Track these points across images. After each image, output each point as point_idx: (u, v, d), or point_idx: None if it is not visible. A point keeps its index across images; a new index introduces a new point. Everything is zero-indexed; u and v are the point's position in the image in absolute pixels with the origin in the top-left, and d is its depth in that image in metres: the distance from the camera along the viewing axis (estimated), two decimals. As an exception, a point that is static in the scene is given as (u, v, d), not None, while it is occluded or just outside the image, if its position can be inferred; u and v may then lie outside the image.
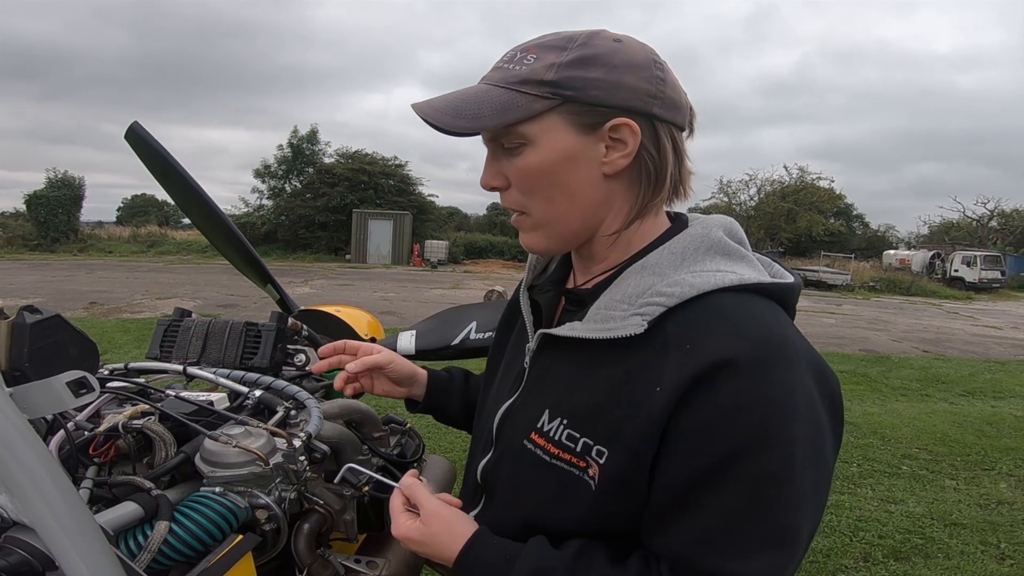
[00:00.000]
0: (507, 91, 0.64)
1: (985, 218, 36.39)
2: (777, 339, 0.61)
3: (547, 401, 0.71)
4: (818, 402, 0.62)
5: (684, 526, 0.61)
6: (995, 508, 3.38)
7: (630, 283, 0.67)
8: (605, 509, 0.65)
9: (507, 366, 0.86)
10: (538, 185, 0.67)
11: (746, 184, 32.78)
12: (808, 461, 0.60)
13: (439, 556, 0.70)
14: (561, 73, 0.64)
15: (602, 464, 0.64)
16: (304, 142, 27.14)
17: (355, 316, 1.56)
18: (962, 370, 7.50)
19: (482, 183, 0.71)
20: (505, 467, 0.77)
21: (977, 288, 24.89)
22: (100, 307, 9.67)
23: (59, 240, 23.54)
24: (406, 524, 0.71)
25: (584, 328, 0.67)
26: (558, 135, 0.65)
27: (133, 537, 0.67)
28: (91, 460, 0.76)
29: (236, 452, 0.74)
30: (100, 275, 15.10)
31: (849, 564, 2.72)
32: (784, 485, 0.59)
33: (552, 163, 0.66)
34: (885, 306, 17.15)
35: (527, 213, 0.70)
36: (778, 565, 0.60)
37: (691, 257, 0.67)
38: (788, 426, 0.59)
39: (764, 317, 0.63)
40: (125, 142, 1.19)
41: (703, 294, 0.63)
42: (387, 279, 17.45)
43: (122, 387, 0.91)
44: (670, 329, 0.63)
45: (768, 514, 0.59)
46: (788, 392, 0.59)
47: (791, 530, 0.60)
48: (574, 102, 0.64)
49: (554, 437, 0.68)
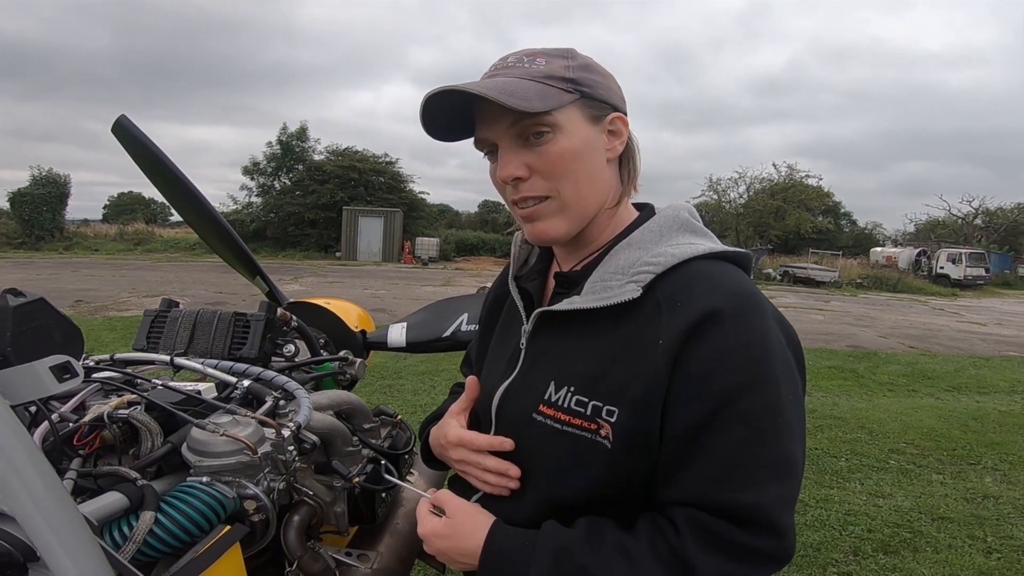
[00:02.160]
0: (537, 83, 0.72)
1: (970, 216, 36.88)
2: (748, 292, 0.71)
3: (551, 374, 0.76)
4: (786, 346, 0.71)
5: (696, 469, 0.67)
6: (981, 502, 3.42)
7: (620, 257, 0.76)
8: (621, 468, 0.71)
9: (496, 352, 0.91)
10: (568, 168, 0.74)
11: (735, 182, 32.98)
12: (791, 395, 0.69)
13: (462, 550, 0.74)
14: (576, 73, 0.74)
15: (614, 422, 0.70)
16: (294, 139, 26.98)
17: (345, 309, 1.55)
18: (947, 366, 7.59)
19: (504, 175, 0.75)
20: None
21: (962, 285, 25.20)
22: (86, 305, 9.56)
23: (44, 238, 23.27)
24: (431, 522, 0.77)
25: (583, 300, 0.74)
26: (578, 124, 0.74)
27: (118, 528, 0.65)
28: (76, 451, 0.75)
29: (223, 441, 0.73)
30: (86, 273, 14.92)
31: (839, 558, 2.74)
32: (777, 417, 0.67)
33: (577, 147, 0.74)
34: (872, 303, 17.33)
35: (552, 197, 0.76)
36: (787, 492, 0.67)
37: (667, 234, 0.77)
38: (770, 364, 0.67)
39: (734, 276, 0.73)
40: (110, 140, 1.17)
41: (682, 262, 0.72)
42: (378, 276, 17.38)
43: (108, 377, 0.89)
44: (660, 293, 0.71)
45: (770, 445, 0.66)
46: (765, 335, 0.68)
47: (791, 459, 0.68)
48: (588, 98, 0.74)
49: (563, 405, 0.74)
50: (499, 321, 0.94)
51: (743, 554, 0.65)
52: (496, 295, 0.97)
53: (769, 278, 24.03)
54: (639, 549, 0.67)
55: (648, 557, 0.66)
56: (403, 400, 4.76)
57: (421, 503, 0.80)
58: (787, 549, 0.67)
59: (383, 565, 1.04)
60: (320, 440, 0.89)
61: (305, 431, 0.85)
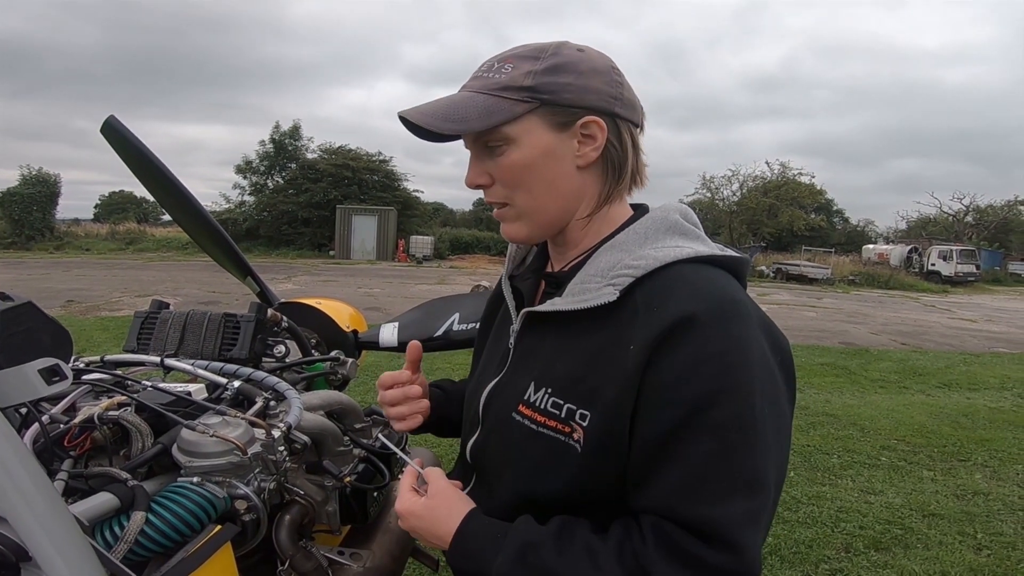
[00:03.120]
0: (490, 96, 0.71)
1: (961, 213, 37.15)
2: (730, 299, 0.68)
3: (532, 374, 0.77)
4: (770, 357, 0.68)
5: (662, 478, 0.66)
6: (971, 499, 3.44)
7: (602, 260, 0.74)
8: (592, 471, 0.70)
9: (491, 350, 0.91)
10: (521, 179, 0.74)
11: (729, 180, 33.06)
12: (767, 408, 0.65)
13: (435, 532, 0.74)
14: (537, 79, 0.71)
15: (585, 426, 0.69)
16: (286, 137, 26.87)
17: (337, 309, 1.55)
18: (938, 362, 7.64)
19: (467, 182, 0.78)
20: (494, 442, 0.81)
21: (953, 282, 25.37)
22: (78, 305, 9.50)
23: (34, 238, 23.11)
24: (411, 499, 0.76)
25: (563, 302, 0.74)
26: (537, 134, 0.72)
27: (109, 528, 0.66)
28: (66, 452, 0.75)
29: (214, 441, 0.73)
30: (77, 273, 14.82)
31: (831, 555, 2.76)
32: (747, 431, 0.64)
33: (533, 159, 0.73)
34: (864, 299, 17.43)
35: (510, 205, 0.77)
36: (754, 509, 0.65)
37: (652, 236, 0.75)
38: (746, 375, 0.64)
39: (718, 282, 0.70)
40: (100, 139, 1.17)
41: (665, 265, 0.70)
42: (372, 275, 17.34)
43: (98, 379, 0.89)
44: (639, 296, 0.70)
45: (739, 459, 0.64)
46: (742, 344, 0.65)
47: (760, 474, 0.65)
48: (550, 104, 0.72)
49: (540, 406, 0.74)
50: (496, 320, 0.95)
51: (702, 568, 0.64)
52: (496, 294, 0.98)
53: (762, 275, 24.12)
54: (606, 552, 0.67)
55: (613, 562, 0.66)
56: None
57: (406, 474, 0.80)
58: (748, 566, 0.64)
59: (376, 564, 1.04)
60: (311, 440, 0.90)
61: (296, 431, 0.85)
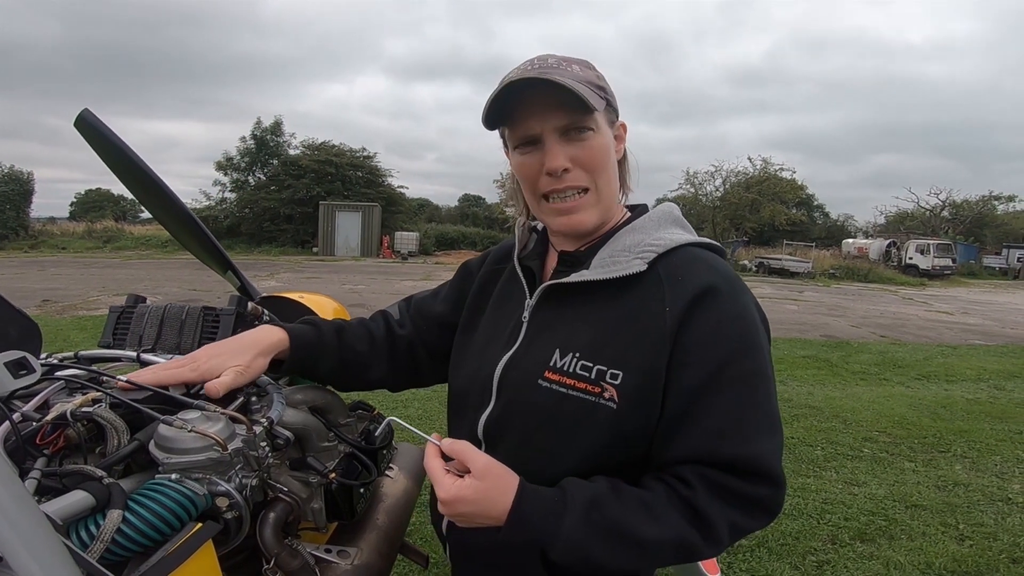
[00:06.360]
0: (584, 86, 0.79)
1: (938, 208, 37.79)
2: (734, 275, 0.82)
3: (555, 343, 0.83)
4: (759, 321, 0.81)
5: (700, 426, 0.75)
6: (952, 489, 3.49)
7: (626, 239, 0.85)
8: (625, 427, 0.77)
9: (493, 327, 0.95)
10: (603, 164, 0.84)
11: (712, 175, 33.42)
12: (768, 359, 0.79)
13: (488, 513, 0.72)
14: (603, 83, 0.85)
15: (618, 384, 0.77)
16: (268, 133, 26.58)
17: (319, 303, 1.52)
18: (917, 354, 7.77)
19: (555, 165, 0.82)
20: (516, 412, 0.85)
21: (930, 275, 25.85)
22: (54, 305, 9.30)
23: (8, 237, 22.65)
24: (456, 484, 0.72)
25: (593, 273, 0.83)
26: (604, 127, 0.84)
27: (85, 528, 0.63)
28: (39, 451, 0.72)
29: (192, 437, 0.71)
30: (53, 272, 14.53)
31: (817, 546, 2.78)
32: (766, 379, 0.77)
33: (608, 147, 0.85)
34: (844, 292, 17.68)
35: (591, 189, 0.84)
36: (778, 446, 0.77)
37: (663, 224, 0.88)
38: (757, 334, 0.78)
39: (721, 262, 0.84)
40: (73, 136, 1.13)
41: (678, 246, 0.83)
42: (356, 271, 17.22)
43: (72, 375, 0.86)
44: (660, 269, 0.81)
45: (762, 403, 0.76)
46: (750, 310, 0.79)
47: (777, 415, 0.78)
48: (610, 106, 0.85)
49: (568, 370, 0.80)
50: (491, 299, 0.99)
51: (746, 503, 0.74)
52: (487, 273, 1.03)
53: (745, 269, 24.37)
54: (658, 502, 0.73)
55: (669, 509, 0.73)
56: (381, 394, 4.72)
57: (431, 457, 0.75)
58: (781, 499, 0.77)
59: (364, 561, 1.02)
60: (294, 436, 0.87)
61: (278, 427, 0.83)
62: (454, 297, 1.07)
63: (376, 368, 1.04)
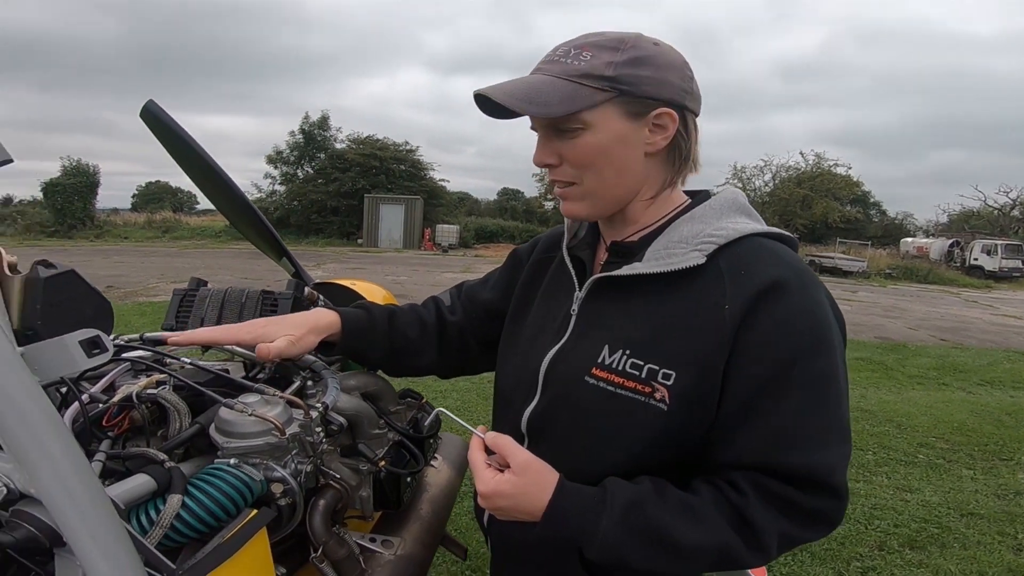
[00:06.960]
0: (570, 83, 0.73)
1: (1007, 207, 35.66)
2: (805, 268, 0.76)
3: (604, 338, 0.79)
4: (833, 318, 0.75)
5: (757, 431, 0.71)
6: (1013, 498, 3.33)
7: (683, 229, 0.79)
8: (677, 429, 0.74)
9: (542, 319, 0.92)
10: (592, 162, 0.78)
11: (761, 170, 32.41)
12: (842, 361, 0.73)
13: (526, 509, 0.72)
14: (618, 71, 0.74)
15: (670, 385, 0.73)
16: (315, 128, 27.13)
17: (370, 290, 1.55)
18: (980, 359, 7.38)
19: (536, 161, 0.80)
20: (561, 408, 0.82)
21: (997, 277, 24.45)
22: (117, 291, 9.76)
23: (76, 227, 23.80)
24: (495, 478, 0.73)
25: (646, 266, 0.78)
26: (612, 121, 0.75)
27: (145, 512, 0.65)
28: (104, 433, 0.74)
29: (252, 421, 0.72)
30: (116, 260, 15.25)
31: (864, 552, 2.69)
32: (835, 382, 0.71)
33: (606, 144, 0.76)
34: (902, 293, 16.93)
35: (577, 185, 0.80)
36: (846, 454, 0.72)
37: (726, 213, 0.81)
38: (828, 332, 0.72)
39: (791, 254, 0.78)
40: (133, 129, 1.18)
41: (743, 236, 0.77)
42: (399, 263, 17.47)
43: (137, 356, 0.89)
44: (722, 263, 0.75)
45: (830, 409, 0.71)
46: (822, 306, 0.73)
47: (846, 422, 0.73)
48: (628, 95, 0.75)
49: (617, 368, 0.76)
50: (540, 288, 0.96)
51: (802, 515, 0.70)
52: (537, 261, 1.00)
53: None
54: (703, 507, 0.70)
55: (714, 514, 0.70)
56: (429, 382, 4.77)
57: (474, 450, 0.75)
58: (842, 511, 0.72)
59: (406, 551, 1.03)
60: (347, 422, 0.89)
61: (332, 412, 0.84)
62: (503, 285, 1.06)
63: (426, 354, 1.04)
